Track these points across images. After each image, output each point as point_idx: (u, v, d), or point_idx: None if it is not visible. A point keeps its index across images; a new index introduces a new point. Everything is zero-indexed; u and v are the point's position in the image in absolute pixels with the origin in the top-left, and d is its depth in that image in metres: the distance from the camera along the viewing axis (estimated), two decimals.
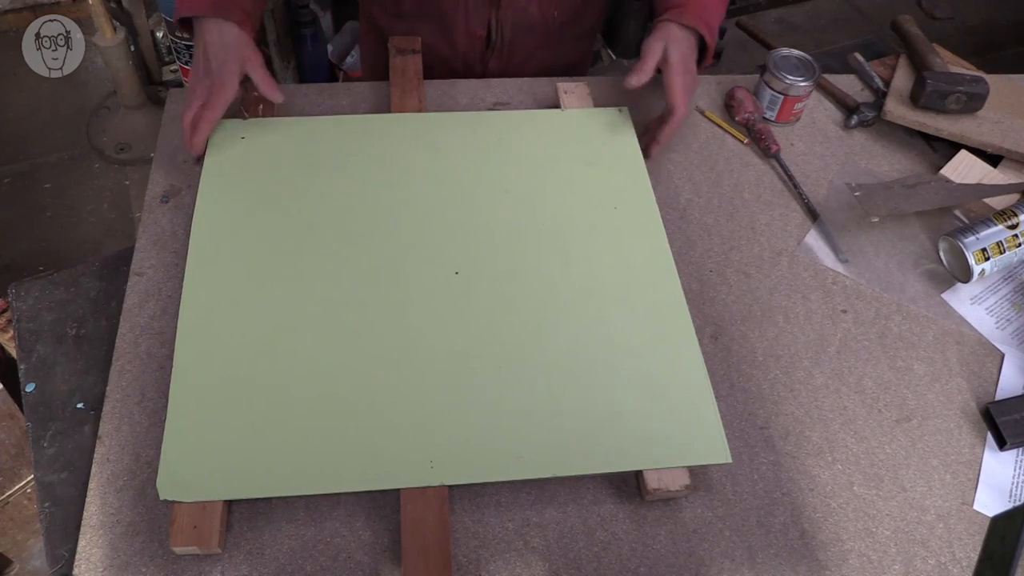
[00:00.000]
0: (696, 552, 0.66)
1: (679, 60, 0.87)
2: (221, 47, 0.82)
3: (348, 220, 0.81)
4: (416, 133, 0.90)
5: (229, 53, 0.82)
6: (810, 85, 0.97)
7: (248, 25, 0.84)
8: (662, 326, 0.76)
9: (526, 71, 1.06)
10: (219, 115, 0.82)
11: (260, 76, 0.84)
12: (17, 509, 1.42)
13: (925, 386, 0.79)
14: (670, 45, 0.87)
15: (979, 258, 0.85)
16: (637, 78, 0.88)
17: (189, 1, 0.84)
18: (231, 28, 0.82)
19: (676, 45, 0.87)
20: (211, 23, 0.83)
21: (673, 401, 0.71)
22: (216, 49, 0.82)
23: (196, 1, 0.83)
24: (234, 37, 0.82)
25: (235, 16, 0.83)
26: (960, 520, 0.71)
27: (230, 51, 0.82)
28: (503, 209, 0.84)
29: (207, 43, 0.82)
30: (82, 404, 0.72)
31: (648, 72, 0.88)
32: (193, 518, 0.62)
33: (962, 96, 0.97)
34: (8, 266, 1.88)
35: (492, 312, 0.75)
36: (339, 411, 0.68)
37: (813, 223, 0.92)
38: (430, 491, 0.65)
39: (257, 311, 0.74)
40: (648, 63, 0.88)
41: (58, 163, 2.11)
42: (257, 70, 0.83)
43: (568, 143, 0.91)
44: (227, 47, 0.82)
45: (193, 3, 0.83)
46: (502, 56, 1.05)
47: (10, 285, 0.79)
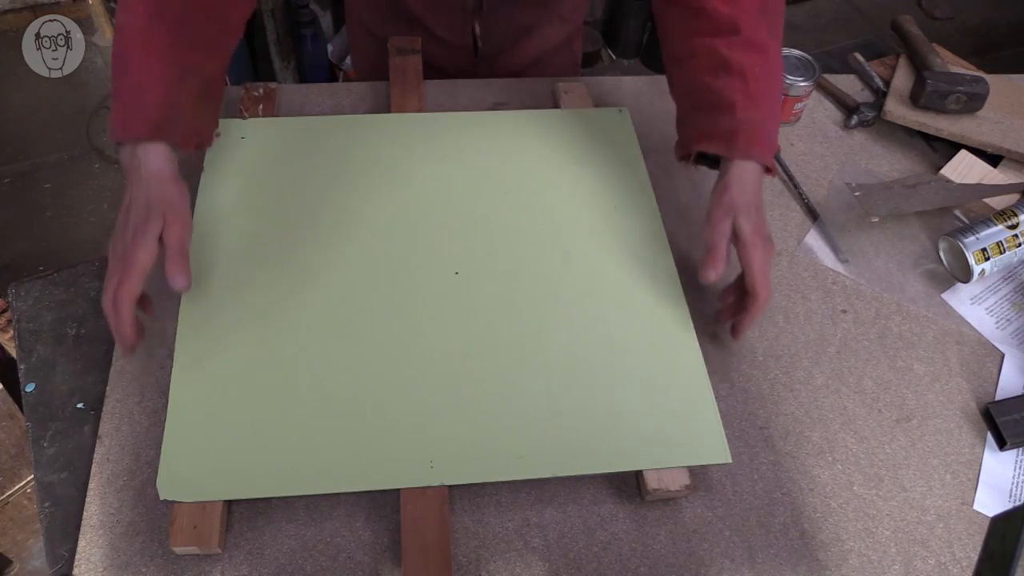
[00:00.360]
0: (696, 552, 0.66)
1: (751, 231, 0.71)
2: (143, 201, 0.66)
3: (347, 220, 0.81)
4: (416, 133, 0.90)
5: (151, 213, 0.66)
6: (810, 85, 0.98)
7: (193, 141, 0.72)
8: (662, 326, 0.76)
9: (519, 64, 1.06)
10: (134, 292, 0.64)
11: (174, 251, 0.66)
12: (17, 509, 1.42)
13: (925, 386, 0.79)
14: (738, 218, 0.71)
15: (979, 258, 0.85)
16: (714, 271, 0.72)
17: (122, 121, 0.68)
18: (166, 164, 0.68)
19: (745, 212, 0.72)
20: (144, 152, 0.67)
21: (673, 401, 0.71)
22: (138, 205, 0.66)
23: (130, 121, 0.67)
24: (163, 190, 0.67)
25: (178, 135, 0.69)
26: (960, 520, 0.71)
27: (152, 210, 0.66)
28: (503, 209, 0.84)
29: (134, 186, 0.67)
30: (82, 404, 0.72)
31: (723, 259, 0.72)
32: (193, 518, 0.62)
33: (962, 96, 0.97)
34: (8, 266, 1.88)
35: (492, 312, 0.75)
36: (339, 411, 0.68)
37: (813, 223, 0.92)
38: (430, 491, 0.65)
39: (256, 311, 0.74)
40: (719, 248, 0.72)
41: (58, 163, 2.11)
42: (173, 241, 0.66)
43: (568, 143, 0.91)
44: (150, 204, 0.66)
45: (126, 123, 0.67)
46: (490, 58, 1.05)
47: (10, 285, 0.79)
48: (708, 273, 0.72)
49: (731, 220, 0.72)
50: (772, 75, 0.76)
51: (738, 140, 0.73)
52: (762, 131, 0.73)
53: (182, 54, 0.70)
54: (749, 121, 0.72)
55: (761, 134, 0.73)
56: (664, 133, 0.97)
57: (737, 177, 0.73)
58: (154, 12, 0.68)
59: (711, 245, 0.73)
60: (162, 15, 0.68)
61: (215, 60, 0.74)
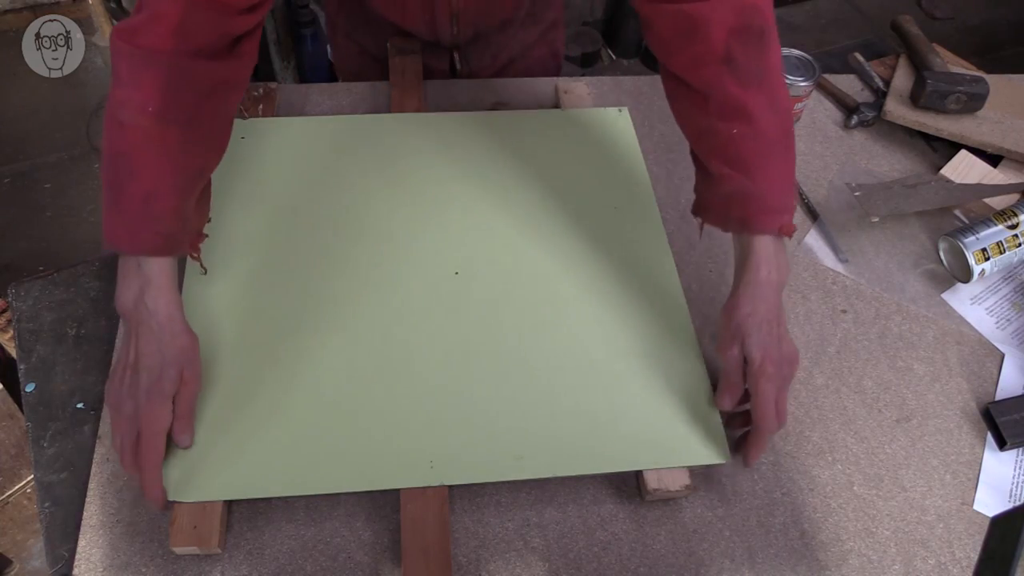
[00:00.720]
0: (696, 552, 0.66)
1: (761, 357, 0.65)
2: (158, 355, 0.62)
3: (347, 220, 0.81)
4: (416, 133, 0.90)
5: (167, 368, 0.61)
6: (810, 85, 0.97)
7: (197, 246, 0.70)
8: (662, 326, 0.76)
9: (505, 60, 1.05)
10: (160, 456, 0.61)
11: (184, 412, 0.63)
12: (17, 509, 1.42)
13: (925, 386, 0.79)
14: (747, 342, 0.66)
15: (979, 258, 0.85)
16: (730, 400, 0.69)
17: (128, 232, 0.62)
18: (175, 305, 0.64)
19: (755, 336, 0.65)
20: (152, 271, 0.62)
21: (673, 402, 0.71)
22: (151, 357, 0.61)
23: (139, 233, 0.62)
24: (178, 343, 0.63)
25: (186, 245, 0.66)
26: (960, 520, 0.71)
27: (168, 365, 0.62)
28: (503, 209, 0.84)
29: (141, 337, 0.62)
30: (82, 404, 0.72)
31: (737, 387, 0.68)
32: (193, 518, 0.62)
33: (962, 96, 0.97)
34: (8, 266, 1.88)
35: (492, 312, 0.75)
36: (339, 411, 0.68)
37: (813, 223, 0.92)
38: (430, 491, 0.65)
39: (256, 310, 0.74)
40: (733, 377, 0.68)
41: (58, 163, 2.11)
42: (185, 402, 0.63)
43: (568, 143, 0.91)
44: (164, 358, 0.61)
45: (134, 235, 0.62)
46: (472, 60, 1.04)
47: (10, 285, 0.79)
48: (722, 402, 0.69)
49: (740, 343, 0.67)
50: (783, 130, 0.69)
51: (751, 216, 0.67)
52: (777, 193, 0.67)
53: (192, 157, 0.65)
54: (762, 191, 0.66)
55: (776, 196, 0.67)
56: (664, 133, 0.97)
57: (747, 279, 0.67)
58: (163, 112, 0.62)
59: (724, 372, 0.69)
60: (173, 116, 0.63)
61: (218, 156, 0.70)
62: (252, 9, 0.66)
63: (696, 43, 0.67)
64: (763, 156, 0.67)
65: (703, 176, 0.72)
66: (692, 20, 0.67)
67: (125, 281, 0.63)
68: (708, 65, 0.67)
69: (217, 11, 0.63)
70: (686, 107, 0.72)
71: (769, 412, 0.65)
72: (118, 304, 0.64)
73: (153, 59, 0.62)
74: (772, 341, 0.66)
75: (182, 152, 0.64)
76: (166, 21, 0.62)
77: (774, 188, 0.67)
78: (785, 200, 0.68)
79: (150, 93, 0.62)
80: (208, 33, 0.64)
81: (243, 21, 0.66)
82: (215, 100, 0.66)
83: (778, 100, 0.69)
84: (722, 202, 0.69)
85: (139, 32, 0.62)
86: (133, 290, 0.63)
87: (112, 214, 0.63)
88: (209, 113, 0.66)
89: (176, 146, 0.63)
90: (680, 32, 0.68)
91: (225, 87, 0.67)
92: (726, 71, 0.67)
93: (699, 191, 0.73)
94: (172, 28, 0.62)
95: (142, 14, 0.62)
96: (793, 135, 0.70)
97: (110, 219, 0.63)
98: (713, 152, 0.69)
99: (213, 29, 0.64)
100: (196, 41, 0.63)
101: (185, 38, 0.62)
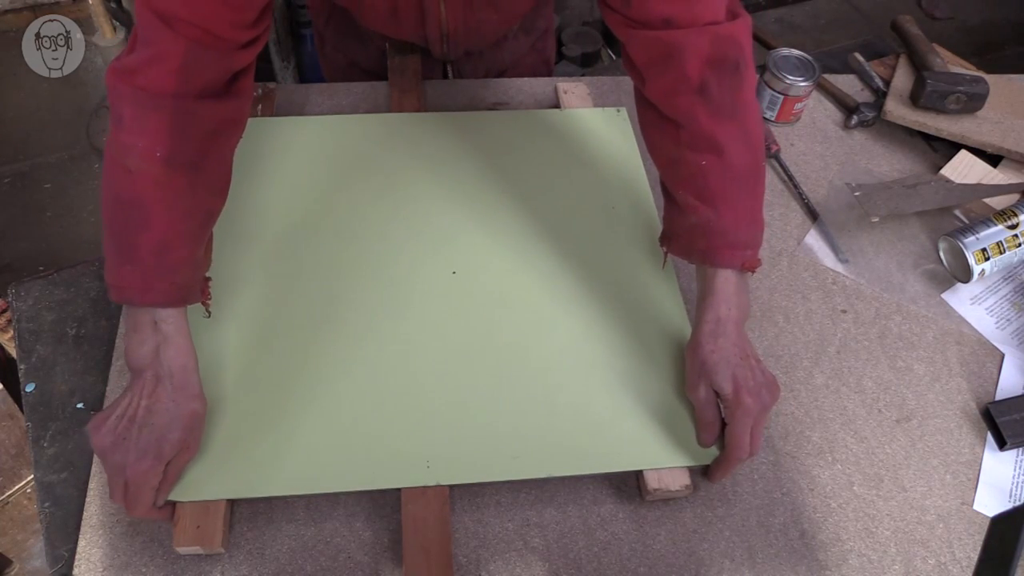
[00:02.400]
0: (696, 552, 0.66)
1: (733, 390, 0.64)
2: (166, 415, 0.60)
3: (346, 219, 0.81)
4: (415, 133, 0.90)
5: (172, 431, 0.60)
6: (810, 85, 0.98)
7: (207, 293, 0.67)
8: (660, 326, 0.76)
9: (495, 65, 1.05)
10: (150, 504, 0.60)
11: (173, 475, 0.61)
12: (17, 509, 1.42)
13: (925, 386, 0.79)
14: (714, 379, 0.65)
15: (979, 258, 0.85)
16: (709, 438, 0.67)
17: (140, 283, 0.60)
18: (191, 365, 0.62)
19: (723, 370, 0.65)
20: (167, 325, 0.61)
21: (671, 402, 0.71)
22: (160, 416, 0.60)
23: (153, 285, 0.60)
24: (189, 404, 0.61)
25: (197, 294, 0.65)
26: (960, 520, 0.71)
27: (174, 430, 0.60)
28: (501, 209, 0.84)
29: (153, 394, 0.60)
30: (82, 404, 0.72)
31: (716, 424, 0.67)
32: (196, 518, 0.62)
33: (962, 96, 0.97)
34: (8, 266, 1.88)
35: (490, 311, 0.75)
36: (337, 410, 0.68)
37: (813, 223, 0.92)
38: (431, 491, 0.65)
39: (254, 310, 0.74)
40: (707, 416, 0.67)
41: (58, 163, 2.11)
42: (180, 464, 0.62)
43: (567, 143, 0.91)
44: (171, 421, 0.60)
45: (147, 286, 0.60)
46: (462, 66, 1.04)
47: (10, 285, 0.79)
48: (703, 441, 0.68)
49: (707, 382, 0.66)
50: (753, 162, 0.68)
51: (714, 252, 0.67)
52: (736, 228, 0.66)
53: (201, 201, 0.64)
54: (723, 226, 0.66)
55: (736, 231, 0.66)
56: None
57: (708, 317, 0.67)
58: (171, 158, 0.60)
59: (696, 413, 0.68)
60: (181, 160, 0.61)
61: (223, 199, 0.68)
62: (251, 44, 0.65)
63: (671, 71, 0.66)
64: (731, 190, 0.66)
65: (670, 206, 0.71)
66: (668, 48, 0.66)
67: (138, 336, 0.61)
68: (682, 95, 0.66)
69: (219, 50, 0.62)
70: (658, 135, 0.71)
71: (742, 442, 0.64)
72: (130, 359, 0.61)
73: (157, 102, 0.60)
74: (745, 372, 0.65)
75: (192, 197, 0.62)
76: (168, 62, 0.59)
77: (740, 222, 0.67)
78: (750, 235, 0.67)
79: (157, 138, 0.60)
80: (210, 72, 0.62)
81: (243, 57, 0.64)
82: (219, 141, 0.65)
83: (750, 134, 0.67)
84: (687, 233, 0.69)
85: (139, 73, 0.60)
86: (149, 345, 0.61)
87: (122, 265, 0.60)
88: (215, 156, 0.65)
89: (186, 192, 0.62)
90: (655, 59, 0.67)
91: (228, 127, 0.66)
92: (699, 102, 0.66)
93: (666, 221, 0.73)
94: (175, 69, 0.60)
95: (140, 53, 0.60)
96: (764, 170, 0.69)
97: (120, 271, 0.60)
98: (681, 182, 0.68)
99: (215, 68, 0.62)
100: (199, 82, 0.61)
101: (188, 79, 0.60)
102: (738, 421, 0.64)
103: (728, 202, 0.66)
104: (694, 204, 0.67)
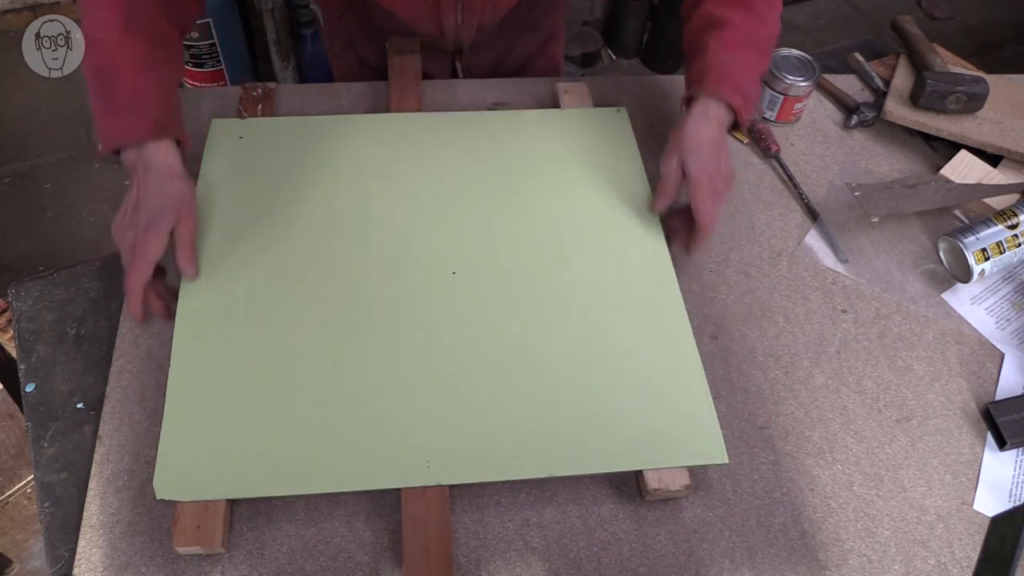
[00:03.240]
0: (696, 552, 0.66)
1: (698, 171, 0.76)
2: (157, 197, 0.71)
3: (346, 219, 0.81)
4: (415, 133, 0.90)
5: (164, 209, 0.71)
6: (810, 85, 0.98)
7: (187, 140, 0.76)
8: (660, 326, 0.76)
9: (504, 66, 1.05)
10: (143, 280, 0.70)
11: (184, 243, 0.72)
12: (17, 509, 1.42)
13: (925, 386, 0.79)
14: (686, 159, 0.77)
15: (979, 258, 0.85)
16: (662, 204, 0.81)
17: (125, 125, 0.72)
18: (175, 161, 0.73)
19: (695, 155, 0.77)
20: (153, 151, 0.72)
21: (670, 402, 0.71)
22: (152, 199, 0.71)
23: (134, 124, 0.71)
24: (176, 188, 0.72)
25: (176, 132, 0.74)
26: (960, 520, 0.71)
27: (166, 207, 0.71)
28: (501, 209, 0.84)
29: (146, 181, 0.71)
30: (82, 404, 0.72)
31: (670, 194, 0.80)
32: (196, 518, 0.62)
33: (962, 96, 0.97)
34: (8, 266, 1.88)
35: (489, 312, 0.75)
36: (336, 410, 0.68)
37: (813, 223, 0.92)
38: (431, 491, 0.65)
39: (254, 310, 0.74)
40: (667, 186, 0.79)
41: (58, 163, 2.11)
42: (184, 236, 0.72)
43: (567, 143, 0.91)
44: (164, 200, 0.71)
45: (131, 126, 0.72)
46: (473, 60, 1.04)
47: (10, 285, 0.79)
48: (656, 206, 0.82)
49: (679, 158, 0.78)
50: (753, 30, 0.81)
51: (706, 79, 0.79)
52: (728, 73, 0.79)
53: (161, 66, 0.75)
54: (719, 63, 0.79)
55: (727, 75, 0.79)
56: (663, 133, 0.97)
57: (695, 117, 0.79)
58: (127, 24, 0.72)
59: (661, 180, 0.80)
60: (136, 25, 0.72)
61: (179, 67, 0.82)
62: None
63: None
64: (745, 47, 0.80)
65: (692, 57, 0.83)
66: None
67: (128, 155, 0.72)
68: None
69: None
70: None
71: (707, 211, 0.76)
72: (124, 159, 0.72)
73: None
74: (711, 161, 0.77)
75: (152, 59, 0.73)
76: None
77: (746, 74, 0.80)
78: (751, 89, 0.81)
79: (114, 11, 0.72)
80: None
81: None
82: (171, 10, 0.76)
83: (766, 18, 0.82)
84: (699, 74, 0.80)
85: None
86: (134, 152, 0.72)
87: (105, 118, 0.73)
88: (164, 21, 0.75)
89: (145, 53, 0.73)
90: None
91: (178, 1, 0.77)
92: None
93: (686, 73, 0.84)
94: None
95: None
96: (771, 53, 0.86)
97: (105, 123, 0.73)
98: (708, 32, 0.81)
99: None
100: None
101: None
102: (699, 198, 0.76)
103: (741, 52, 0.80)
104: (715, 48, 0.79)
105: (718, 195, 0.77)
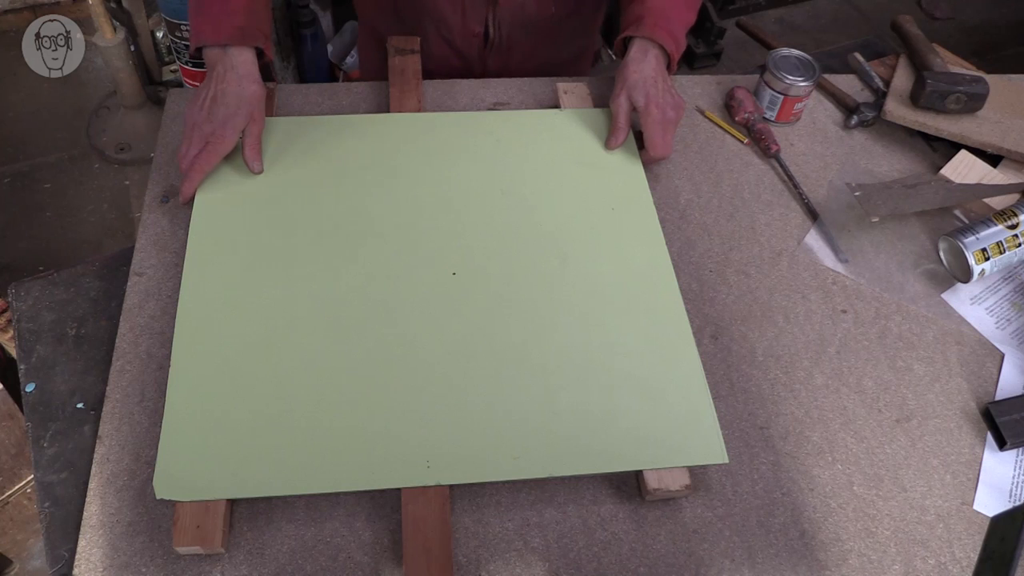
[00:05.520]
0: (696, 552, 0.66)
1: (646, 102, 0.86)
2: (236, 96, 0.80)
3: (346, 220, 0.81)
4: (415, 133, 0.90)
5: (240, 107, 0.80)
6: (810, 85, 0.97)
7: (270, 48, 0.84)
8: (659, 327, 0.76)
9: (526, 69, 1.06)
10: (212, 166, 0.80)
11: (253, 142, 0.82)
12: (17, 509, 1.42)
13: (925, 386, 0.79)
14: (632, 92, 0.87)
15: (979, 258, 0.85)
16: (615, 140, 0.89)
17: (212, 26, 0.81)
18: (253, 68, 0.81)
19: (640, 88, 0.86)
20: (233, 54, 0.80)
21: (670, 402, 0.71)
22: (230, 97, 0.80)
23: (220, 26, 0.80)
24: (251, 89, 0.81)
25: (260, 40, 0.82)
26: (960, 520, 0.71)
27: (242, 105, 0.80)
28: (501, 210, 0.84)
29: (224, 80, 0.80)
30: (82, 404, 0.72)
31: (624, 130, 0.89)
32: (196, 518, 0.62)
33: (962, 96, 0.97)
34: (8, 266, 1.88)
35: (489, 313, 0.75)
36: (336, 410, 0.68)
37: (813, 223, 0.92)
38: (431, 491, 0.65)
39: (255, 310, 0.74)
40: (619, 121, 0.88)
41: (58, 163, 2.10)
42: (253, 135, 0.82)
43: (567, 143, 0.91)
44: (241, 99, 0.80)
45: (217, 28, 0.80)
46: (501, 54, 1.05)
47: (10, 285, 0.79)
48: (609, 143, 0.90)
49: (626, 93, 0.87)
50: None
51: (644, 22, 0.87)
52: (665, 19, 0.87)
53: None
54: (656, 9, 0.88)
55: (664, 20, 0.87)
56: None
57: (635, 55, 0.88)
58: None
59: (612, 117, 0.89)
60: None
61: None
62: None
63: None
64: None
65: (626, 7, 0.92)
66: None
67: (211, 53, 0.81)
68: None
69: None
70: None
71: (656, 141, 0.86)
72: (206, 56, 0.82)
73: None
74: (657, 92, 0.86)
75: None
76: None
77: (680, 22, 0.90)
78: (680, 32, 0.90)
79: None
80: None
81: None
82: None
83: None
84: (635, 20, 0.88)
85: None
86: (217, 51, 0.81)
87: (196, 19, 0.82)
88: None
89: None
90: None
91: None
92: None
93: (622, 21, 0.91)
94: None
95: None
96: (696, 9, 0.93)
97: (195, 22, 0.82)
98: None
99: None
100: None
101: None
102: (648, 126, 0.86)
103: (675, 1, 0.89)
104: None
105: (668, 122, 0.86)
